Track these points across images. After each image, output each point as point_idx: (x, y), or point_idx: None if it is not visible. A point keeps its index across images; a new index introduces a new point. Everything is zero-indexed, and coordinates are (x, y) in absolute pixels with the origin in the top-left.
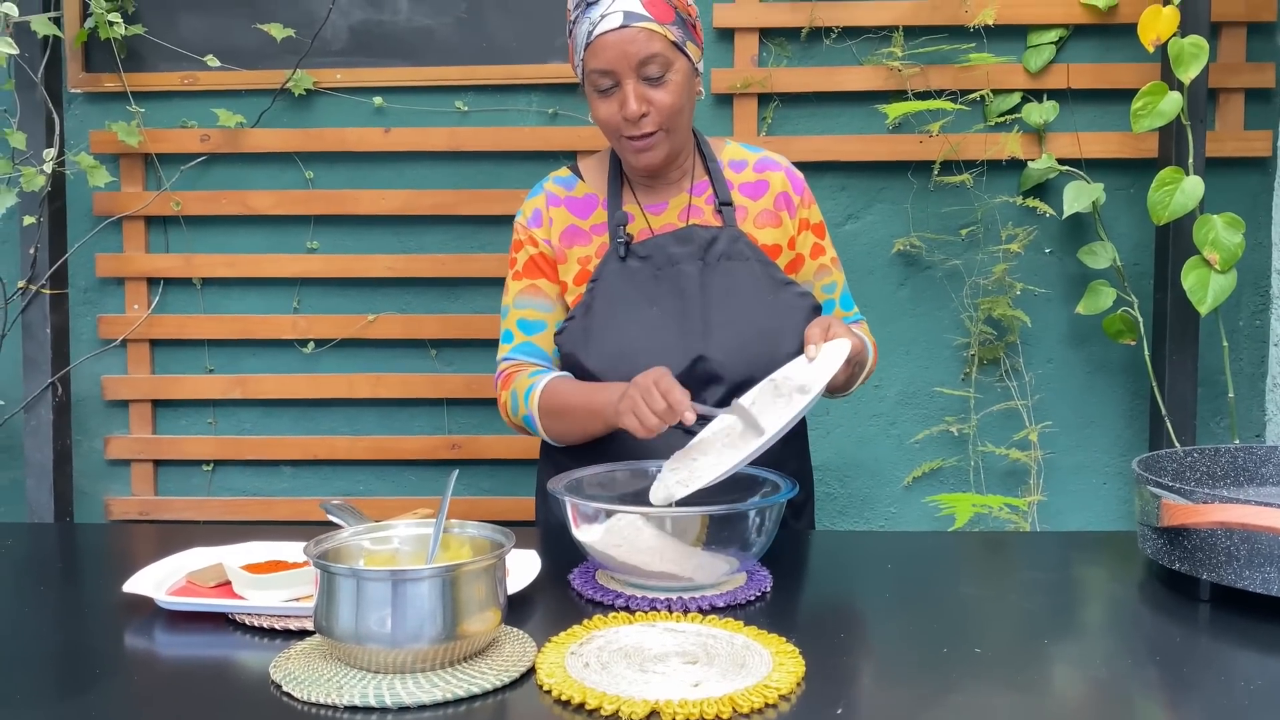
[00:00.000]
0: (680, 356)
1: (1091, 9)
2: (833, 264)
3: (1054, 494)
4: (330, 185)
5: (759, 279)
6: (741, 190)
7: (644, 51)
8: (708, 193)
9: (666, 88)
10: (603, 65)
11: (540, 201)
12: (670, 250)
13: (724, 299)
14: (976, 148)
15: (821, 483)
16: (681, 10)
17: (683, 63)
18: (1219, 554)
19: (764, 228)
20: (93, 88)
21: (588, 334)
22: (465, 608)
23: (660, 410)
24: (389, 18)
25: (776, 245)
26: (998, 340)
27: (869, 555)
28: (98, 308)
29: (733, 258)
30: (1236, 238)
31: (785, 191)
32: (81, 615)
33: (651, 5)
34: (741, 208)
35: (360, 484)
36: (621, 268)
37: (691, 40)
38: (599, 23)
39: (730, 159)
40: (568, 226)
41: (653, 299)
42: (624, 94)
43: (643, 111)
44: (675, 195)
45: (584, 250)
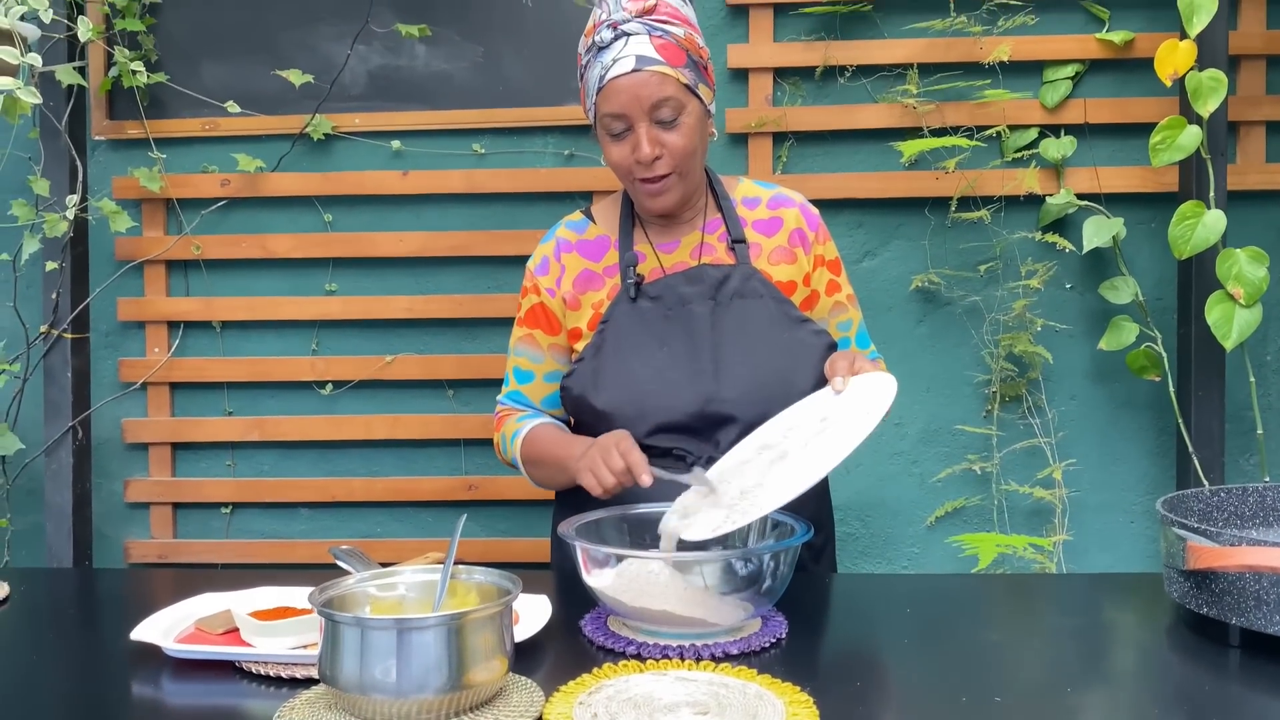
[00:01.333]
0: (691, 397)
1: (1107, 44)
2: (849, 301)
3: (1080, 533)
4: (349, 228)
5: (773, 317)
6: (755, 227)
7: (656, 95)
8: (720, 230)
9: (679, 130)
10: (615, 109)
11: (550, 249)
12: (681, 290)
13: (736, 338)
14: (994, 183)
15: (843, 523)
16: (693, 53)
17: (695, 105)
18: (1248, 598)
19: (779, 264)
20: (116, 135)
21: (597, 375)
22: (471, 656)
23: (618, 471)
24: (407, 63)
25: (791, 282)
26: (1019, 377)
27: (888, 598)
28: (119, 351)
29: (746, 296)
30: (1260, 271)
31: (800, 228)
32: (91, 662)
33: (663, 49)
34: (755, 245)
35: (378, 525)
36: (632, 308)
37: (703, 82)
38: (611, 67)
39: (744, 196)
40: (581, 272)
41: (663, 340)
42: (637, 137)
43: (656, 154)
44: (688, 234)
45: (597, 295)
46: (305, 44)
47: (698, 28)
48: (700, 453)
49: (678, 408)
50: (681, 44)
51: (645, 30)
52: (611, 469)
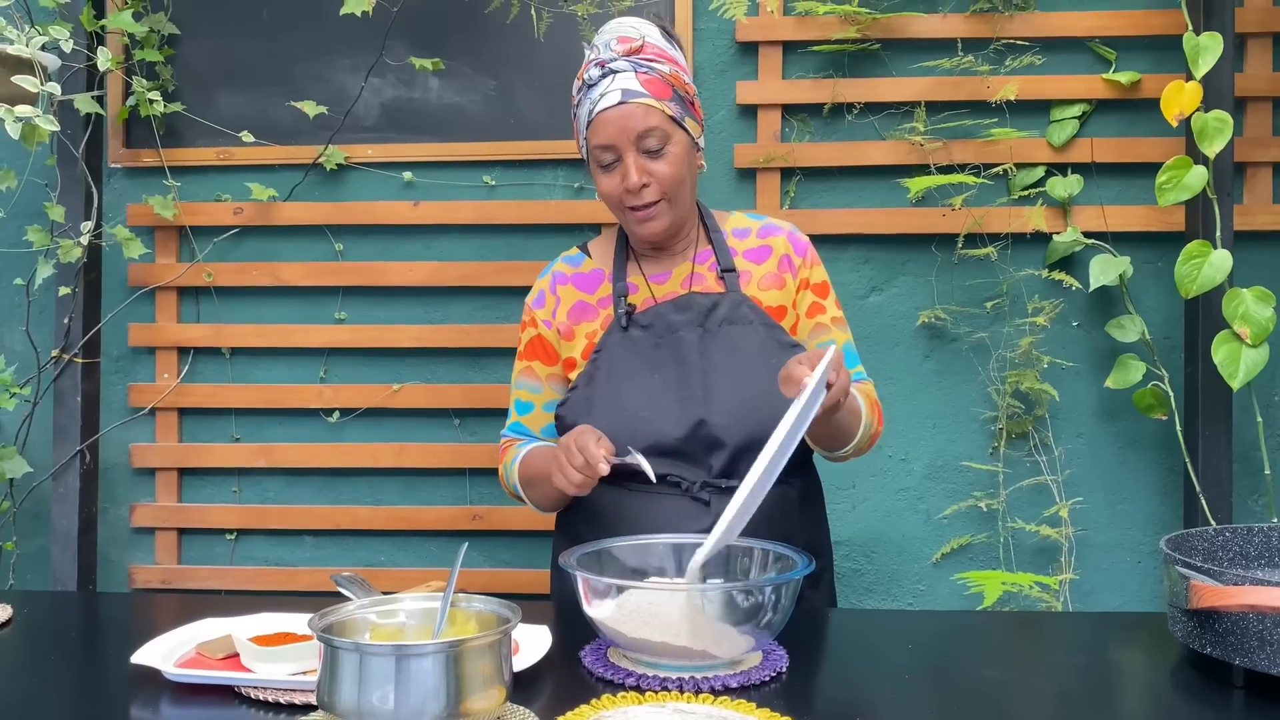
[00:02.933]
0: (682, 422)
1: (1114, 84)
2: (833, 323)
3: (1086, 572)
4: (359, 257)
5: (763, 342)
6: (745, 256)
7: (642, 125)
8: (710, 260)
9: (666, 159)
10: (604, 140)
11: (546, 283)
12: (670, 318)
13: (725, 364)
14: (1000, 221)
15: (848, 559)
16: (679, 89)
17: (681, 136)
18: (1251, 638)
19: (768, 289)
20: (132, 163)
21: (590, 403)
22: (469, 684)
23: (579, 466)
24: (420, 95)
25: (781, 307)
26: (1026, 414)
27: (890, 635)
28: (129, 376)
29: (735, 322)
30: (1267, 311)
31: (787, 253)
32: (91, 686)
33: (648, 83)
34: (745, 272)
35: (381, 554)
36: (623, 337)
37: (690, 116)
38: (599, 101)
39: (734, 228)
40: (575, 303)
41: (654, 366)
42: (625, 167)
43: (643, 182)
44: (679, 265)
45: (590, 325)
46: (320, 76)
47: (684, 66)
48: (692, 476)
49: (669, 432)
50: (666, 79)
51: (631, 68)
52: (573, 465)
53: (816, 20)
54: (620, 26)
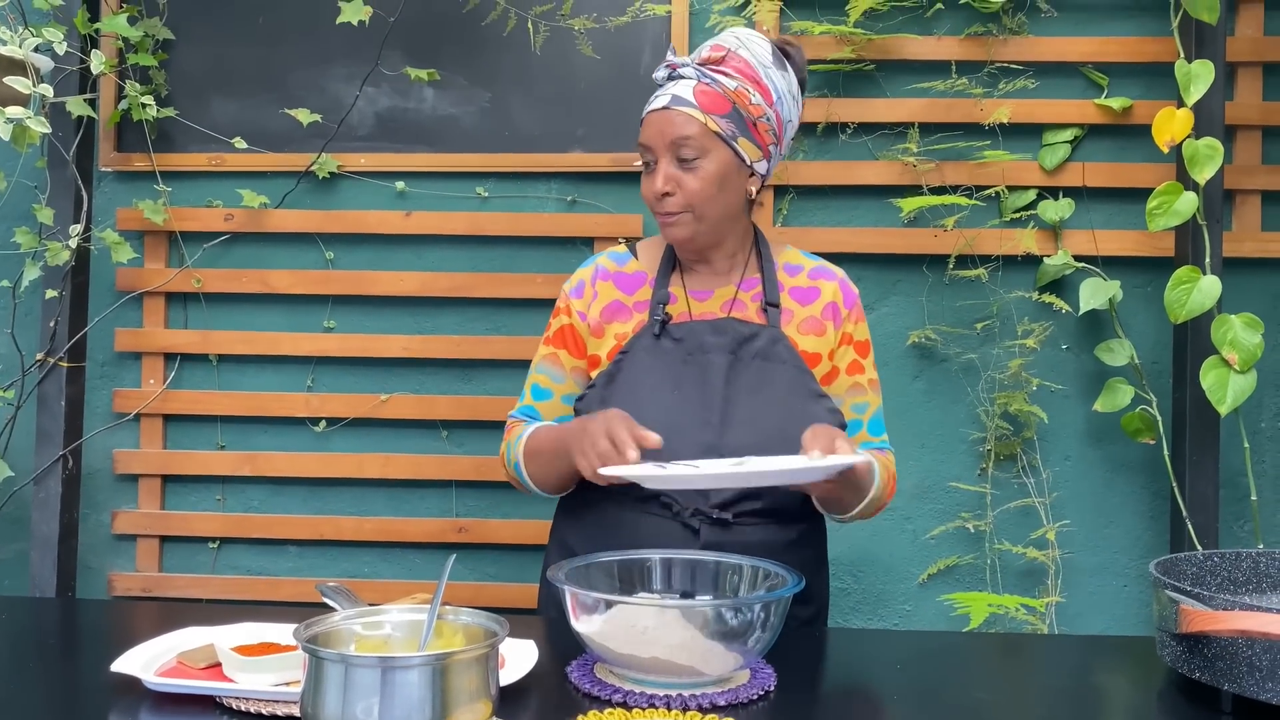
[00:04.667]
0: (693, 445)
1: (1106, 110)
2: (870, 386)
3: (1072, 595)
4: (350, 266)
5: (792, 384)
6: (792, 294)
7: (678, 133)
8: (756, 289)
9: (696, 173)
10: (643, 140)
11: (588, 273)
12: (704, 338)
13: (749, 396)
14: (992, 243)
15: (835, 578)
16: (742, 108)
17: (723, 154)
18: (1240, 664)
19: (807, 334)
20: (123, 167)
21: (605, 404)
22: (455, 698)
23: (603, 450)
24: (414, 106)
25: (817, 354)
26: (1014, 436)
27: (878, 654)
28: (114, 381)
29: (769, 359)
30: (1255, 338)
31: (835, 302)
32: (70, 694)
33: (703, 94)
34: (788, 311)
35: (366, 565)
36: (653, 345)
37: (748, 137)
38: (652, 103)
39: (786, 262)
40: (611, 301)
41: (677, 382)
42: (656, 170)
43: (667, 190)
44: (722, 286)
45: (622, 327)
46: (315, 84)
47: (770, 88)
48: (689, 502)
49: (678, 452)
50: (728, 95)
51: (696, 76)
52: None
53: (812, 40)
54: (728, 36)
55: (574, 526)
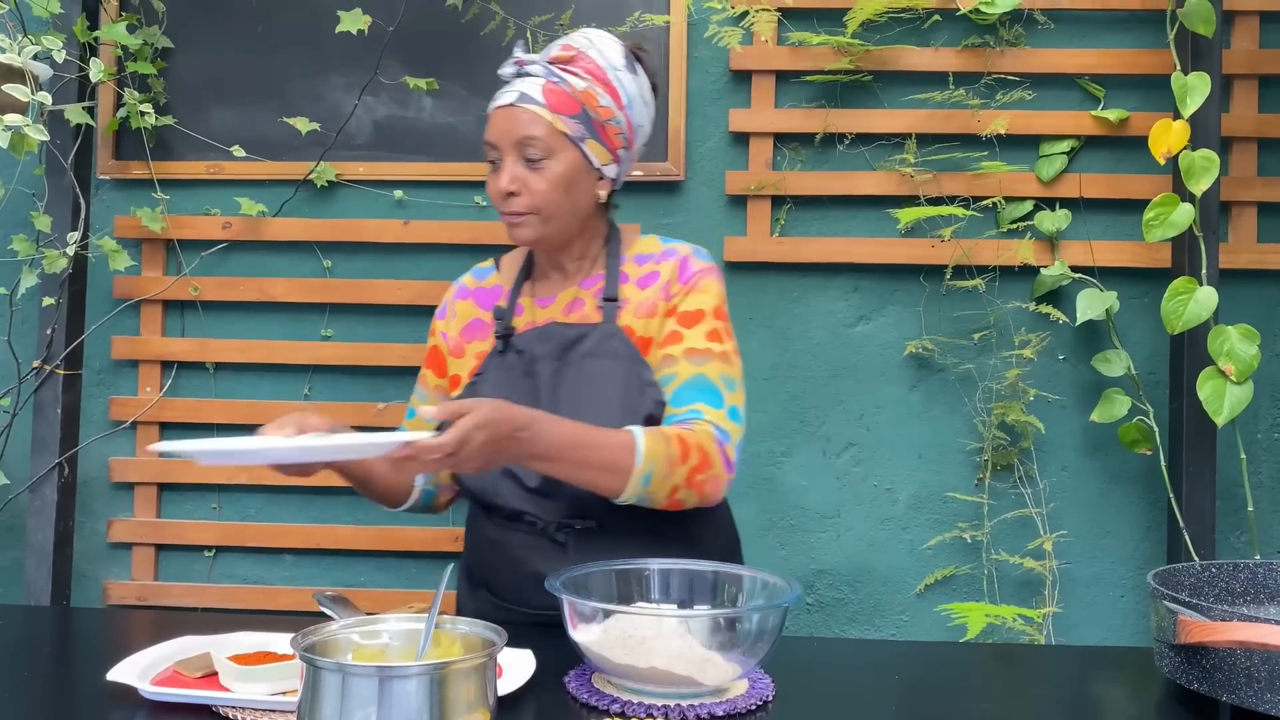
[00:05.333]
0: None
1: (1102, 121)
2: (687, 355)
3: (1069, 606)
4: (348, 274)
5: (622, 379)
6: (638, 283)
7: (524, 131)
8: (598, 286)
9: (543, 173)
10: (489, 138)
11: (451, 293)
12: (534, 348)
13: (571, 400)
14: (989, 253)
15: (831, 588)
16: (591, 109)
17: (570, 155)
18: (1238, 675)
19: (641, 318)
20: (121, 174)
21: None
22: (453, 707)
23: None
24: (413, 114)
25: (650, 338)
26: (1011, 446)
27: (876, 665)
28: (110, 389)
29: (600, 355)
30: (1252, 349)
31: (669, 280)
32: (65, 703)
33: (551, 93)
34: (626, 300)
35: (362, 575)
36: (501, 362)
37: (596, 139)
38: (498, 99)
39: (639, 252)
40: (471, 320)
41: (521, 397)
42: (502, 169)
43: (512, 189)
44: (565, 288)
45: (481, 345)
46: (313, 93)
47: (619, 90)
48: (548, 515)
49: (520, 468)
50: (577, 95)
51: (544, 74)
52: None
53: (810, 51)
54: (577, 37)
55: (470, 547)
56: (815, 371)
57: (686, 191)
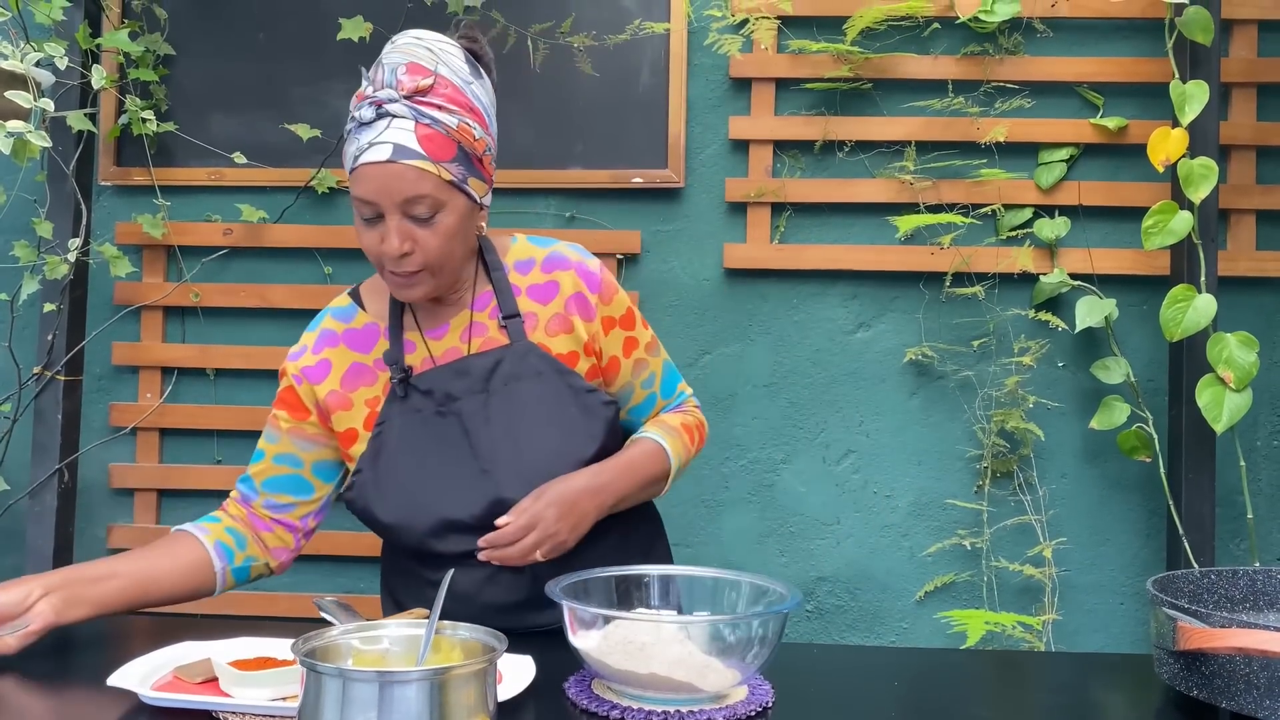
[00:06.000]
0: (476, 502)
1: (1101, 129)
2: (647, 351)
3: (1069, 613)
4: (348, 281)
5: (555, 392)
6: (530, 294)
7: (410, 191)
8: (491, 305)
9: (435, 229)
10: (365, 195)
11: (311, 338)
12: (449, 385)
13: (510, 428)
14: (988, 261)
15: (831, 595)
16: (465, 145)
17: (459, 202)
18: (1238, 681)
19: (556, 335)
20: (122, 181)
21: (378, 486)
22: (454, 713)
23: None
24: None
25: (572, 353)
26: (1011, 453)
27: (875, 671)
28: (111, 395)
29: (522, 377)
30: (1251, 356)
31: (578, 292)
32: (65, 709)
33: (427, 140)
34: (531, 315)
35: (361, 581)
36: (404, 406)
37: (475, 175)
38: (365, 150)
39: (517, 259)
40: (350, 366)
41: (440, 441)
42: (387, 229)
43: (405, 250)
44: (455, 315)
45: (370, 391)
46: (314, 100)
47: (482, 110)
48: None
49: (464, 512)
50: (452, 135)
51: (412, 116)
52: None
53: (809, 59)
54: (416, 48)
55: (400, 582)
56: (815, 378)
57: (686, 199)
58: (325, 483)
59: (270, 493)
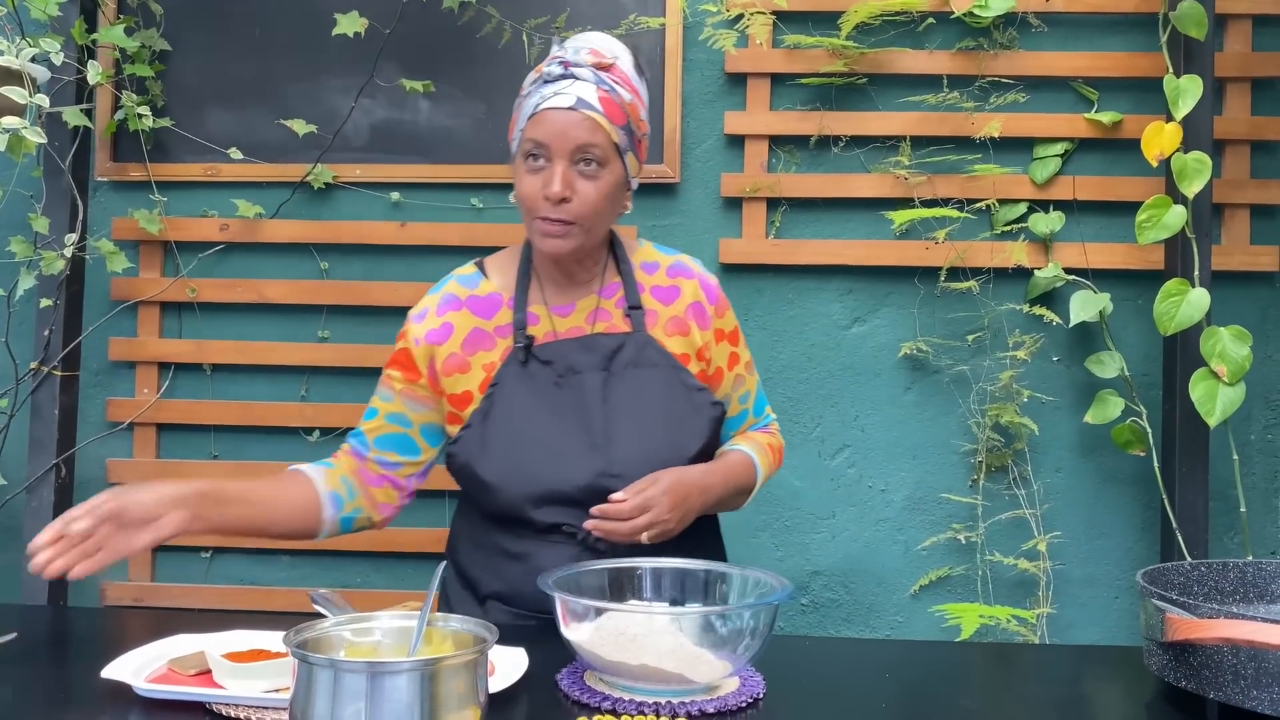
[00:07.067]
0: (580, 471)
1: (1096, 124)
2: (746, 369)
3: (1064, 606)
4: (344, 276)
5: (668, 385)
6: (653, 293)
7: (584, 138)
8: (618, 295)
9: (596, 183)
10: (540, 137)
11: (433, 301)
12: (573, 358)
13: (627, 410)
14: (983, 255)
15: (826, 588)
16: (633, 122)
17: (618, 166)
18: (1225, 672)
19: (673, 335)
20: (118, 176)
21: (484, 443)
22: (444, 704)
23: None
24: (409, 117)
25: (685, 354)
26: (1005, 447)
27: (867, 664)
28: (107, 390)
29: (640, 365)
30: (1244, 350)
31: (697, 300)
32: (60, 701)
33: (606, 101)
34: (652, 312)
35: (357, 575)
36: (522, 372)
37: (633, 152)
38: (550, 99)
39: (643, 260)
40: (471, 330)
41: (554, 409)
42: (551, 172)
43: (565, 195)
44: (584, 297)
45: (488, 356)
46: (310, 95)
47: (644, 103)
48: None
49: (567, 480)
50: (624, 106)
51: (594, 80)
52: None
53: (805, 54)
54: (595, 40)
55: (473, 556)
56: (810, 373)
57: (682, 194)
58: (431, 446)
59: (381, 450)
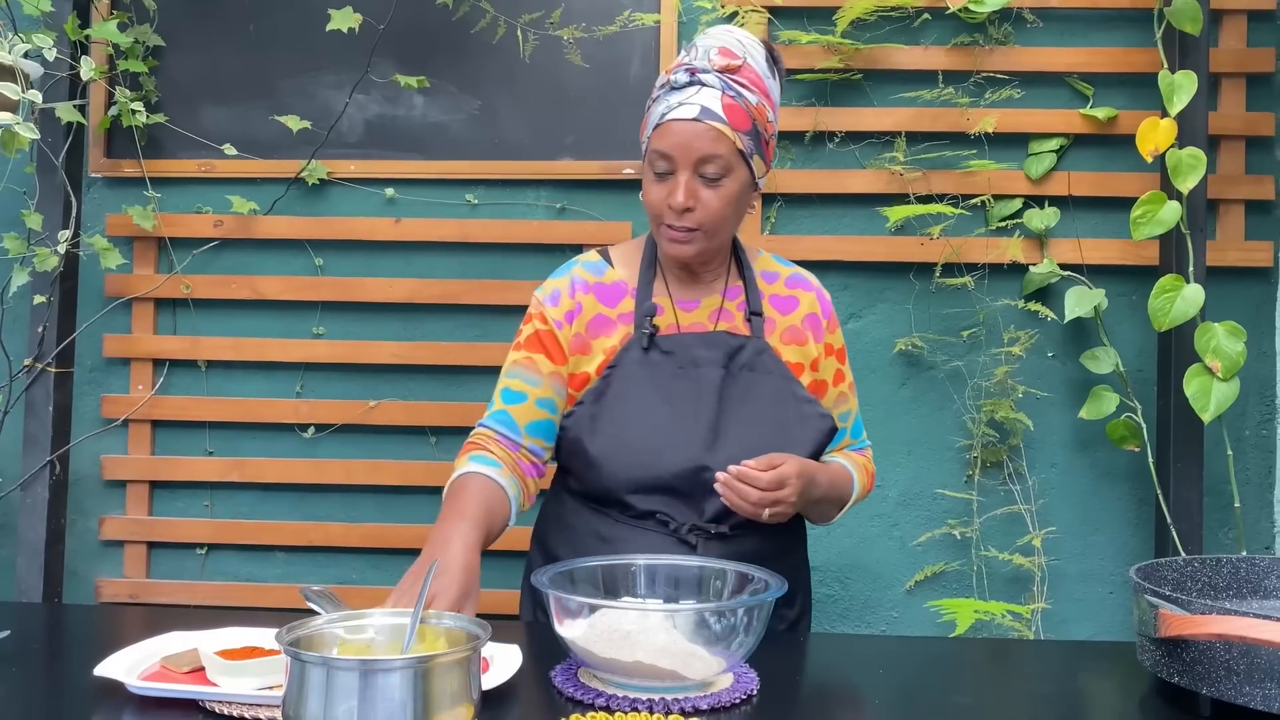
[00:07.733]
0: (683, 462)
1: (1091, 119)
2: (850, 390)
3: (1059, 602)
4: (339, 273)
5: (780, 393)
6: (772, 302)
7: (707, 150)
8: (740, 299)
9: (719, 191)
10: (664, 148)
11: (564, 283)
12: (696, 351)
13: (739, 409)
14: (978, 251)
15: (821, 584)
16: (759, 124)
17: (743, 173)
18: (1218, 668)
19: (789, 344)
20: (112, 172)
21: (595, 420)
22: (437, 701)
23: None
24: (404, 113)
25: (799, 364)
26: (1000, 443)
27: (862, 660)
28: (102, 387)
29: (755, 369)
30: (1238, 346)
31: (814, 313)
32: (52, 698)
33: (730, 109)
34: (770, 320)
35: (354, 572)
36: (643, 358)
37: (760, 154)
38: (675, 109)
39: (763, 269)
40: (595, 315)
41: (668, 396)
42: (676, 183)
43: (688, 205)
44: (708, 296)
45: (609, 340)
46: (305, 91)
47: (775, 102)
48: (682, 517)
49: (668, 468)
50: (751, 110)
51: (720, 86)
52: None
53: (800, 50)
54: (727, 37)
55: (562, 537)
56: None
57: None
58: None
59: (533, 437)
